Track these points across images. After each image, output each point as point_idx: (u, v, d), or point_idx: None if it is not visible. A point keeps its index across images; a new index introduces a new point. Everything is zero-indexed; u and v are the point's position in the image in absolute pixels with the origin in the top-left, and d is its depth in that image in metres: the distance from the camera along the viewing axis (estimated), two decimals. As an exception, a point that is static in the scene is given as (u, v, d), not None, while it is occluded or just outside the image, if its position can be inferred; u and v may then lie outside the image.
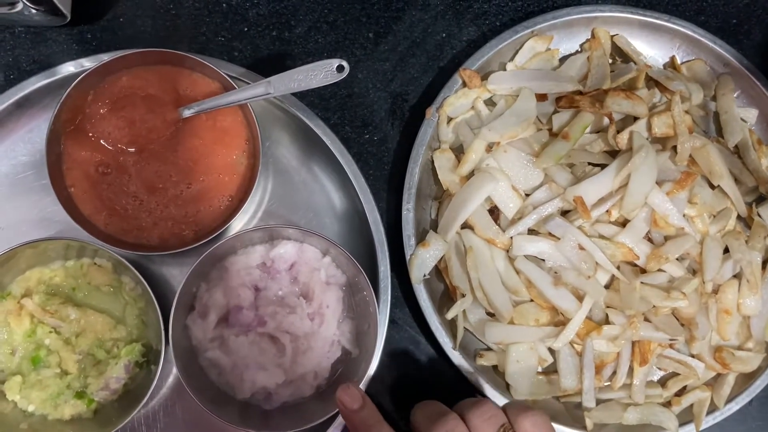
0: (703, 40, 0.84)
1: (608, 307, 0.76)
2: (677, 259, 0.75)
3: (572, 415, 0.78)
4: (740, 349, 0.79)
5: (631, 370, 0.76)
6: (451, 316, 0.76)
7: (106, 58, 0.72)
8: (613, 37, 0.84)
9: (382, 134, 0.83)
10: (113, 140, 0.73)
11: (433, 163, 0.79)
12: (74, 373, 0.72)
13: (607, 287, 0.75)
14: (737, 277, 0.78)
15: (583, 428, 0.76)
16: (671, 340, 0.75)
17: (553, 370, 0.78)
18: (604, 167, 0.76)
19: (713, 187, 0.79)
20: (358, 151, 0.82)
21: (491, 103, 0.82)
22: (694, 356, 0.78)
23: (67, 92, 0.70)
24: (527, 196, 0.77)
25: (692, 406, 0.79)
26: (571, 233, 0.74)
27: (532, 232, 0.77)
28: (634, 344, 0.76)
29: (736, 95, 0.85)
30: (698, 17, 0.89)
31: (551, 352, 0.77)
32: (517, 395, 0.76)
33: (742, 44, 0.88)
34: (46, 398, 0.71)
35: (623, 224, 0.76)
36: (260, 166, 0.73)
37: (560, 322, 0.76)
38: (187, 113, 0.74)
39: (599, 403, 0.77)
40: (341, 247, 0.72)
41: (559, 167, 0.76)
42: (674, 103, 0.76)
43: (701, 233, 0.77)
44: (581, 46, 0.85)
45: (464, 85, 0.80)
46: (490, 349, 0.79)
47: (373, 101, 0.84)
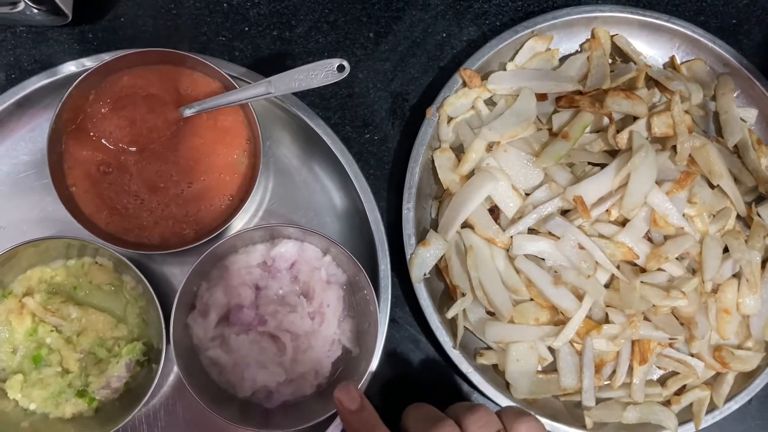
0: (702, 40, 0.84)
1: (608, 306, 0.76)
2: (677, 258, 0.75)
3: (572, 413, 0.78)
4: (739, 348, 0.79)
5: (630, 369, 0.77)
6: (451, 315, 0.76)
7: (107, 57, 0.72)
8: (613, 37, 0.84)
9: (382, 134, 0.83)
10: (114, 139, 0.73)
11: (433, 162, 0.80)
12: (75, 371, 0.72)
13: (606, 286, 0.76)
14: (737, 276, 0.78)
15: (582, 427, 0.77)
16: (671, 339, 0.75)
17: (552, 369, 0.78)
18: (603, 167, 0.76)
19: (713, 186, 0.79)
20: (358, 150, 0.82)
21: (491, 102, 0.82)
22: (693, 355, 0.79)
23: (68, 92, 0.70)
24: (527, 195, 0.77)
25: (692, 405, 0.79)
26: (571, 233, 0.74)
27: (532, 231, 0.77)
28: (633, 343, 0.76)
29: (735, 95, 0.85)
30: (698, 17, 0.89)
31: (551, 351, 0.77)
32: (517, 394, 0.76)
33: (741, 44, 0.88)
34: (47, 397, 0.72)
35: (623, 224, 0.76)
36: (261, 165, 0.73)
37: (560, 321, 0.76)
38: (188, 113, 0.74)
39: (599, 402, 0.77)
40: (342, 246, 0.72)
41: (559, 167, 0.77)
42: (674, 103, 0.77)
43: (701, 233, 0.77)
44: (581, 46, 0.85)
45: (464, 84, 0.80)
46: (490, 348, 0.79)
47: (373, 101, 0.84)
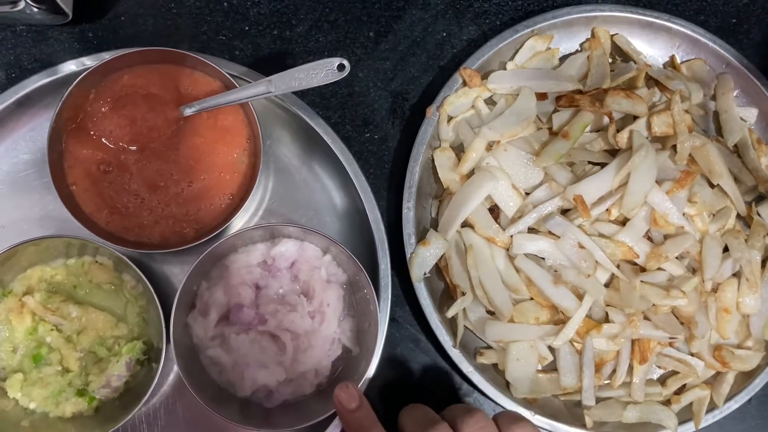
0: (702, 39, 0.84)
1: (608, 305, 0.76)
2: (677, 257, 0.75)
3: (572, 413, 0.78)
4: (739, 347, 0.79)
5: (630, 368, 0.77)
6: (451, 314, 0.76)
7: (107, 56, 0.72)
8: (613, 36, 0.84)
9: (382, 133, 0.83)
10: (114, 138, 0.73)
11: (433, 161, 0.80)
12: (75, 370, 0.72)
13: (606, 286, 0.76)
14: (737, 275, 0.78)
15: (582, 426, 0.77)
16: (671, 338, 0.75)
17: (552, 368, 0.78)
18: (603, 166, 0.76)
19: (713, 186, 0.79)
20: (358, 149, 0.82)
21: (491, 102, 0.82)
22: (693, 355, 0.79)
23: (68, 91, 0.70)
24: (527, 194, 0.77)
25: (692, 404, 0.79)
26: (571, 232, 0.74)
27: (532, 230, 0.77)
28: (633, 343, 0.76)
29: (735, 94, 0.85)
30: (698, 17, 0.89)
31: (551, 350, 0.77)
32: (517, 393, 0.76)
33: (741, 44, 0.88)
34: (47, 396, 0.71)
35: (623, 223, 0.76)
36: (261, 164, 0.73)
37: (560, 320, 0.76)
38: (188, 112, 0.74)
39: (599, 401, 0.77)
40: (342, 245, 0.72)
41: (559, 166, 0.77)
42: (674, 102, 0.77)
43: (701, 232, 0.77)
44: (581, 45, 0.85)
45: (464, 84, 0.80)
46: (490, 347, 0.79)
47: (373, 100, 0.84)
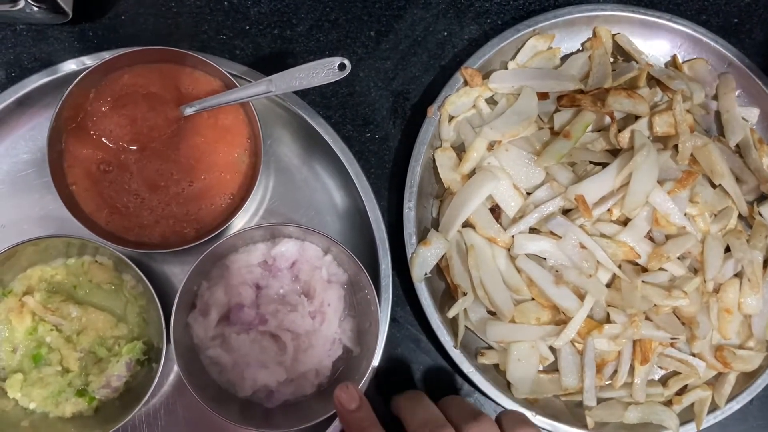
0: (704, 39, 0.84)
1: (609, 305, 0.76)
2: (678, 258, 0.75)
3: (573, 413, 0.78)
4: (741, 348, 0.79)
5: (632, 368, 0.76)
6: (452, 314, 0.76)
7: (107, 55, 0.72)
8: (614, 35, 0.84)
9: (383, 133, 0.83)
10: (115, 138, 0.73)
11: (434, 161, 0.79)
12: (75, 370, 0.72)
13: (608, 286, 0.75)
14: (738, 276, 0.78)
15: (584, 427, 0.76)
16: (672, 338, 0.75)
17: (554, 368, 0.78)
18: (605, 166, 0.76)
19: (714, 186, 0.79)
20: (359, 149, 0.82)
21: (493, 101, 0.82)
22: (695, 355, 0.79)
23: (68, 90, 0.70)
24: (528, 194, 0.77)
25: (693, 405, 0.79)
26: (572, 232, 0.74)
27: (533, 230, 0.77)
28: (635, 343, 0.76)
29: (737, 94, 0.85)
30: (700, 16, 0.89)
31: (552, 350, 0.77)
32: (518, 394, 0.76)
33: (743, 43, 0.88)
34: (47, 396, 0.71)
35: (624, 223, 0.76)
36: (262, 164, 0.72)
37: (561, 320, 0.76)
38: (188, 111, 0.74)
39: (600, 401, 0.77)
40: (342, 245, 0.72)
41: (560, 166, 0.76)
42: (676, 102, 0.76)
43: (702, 232, 0.77)
44: (583, 44, 0.85)
45: (466, 83, 0.80)
46: (491, 347, 0.79)
47: (374, 100, 0.84)
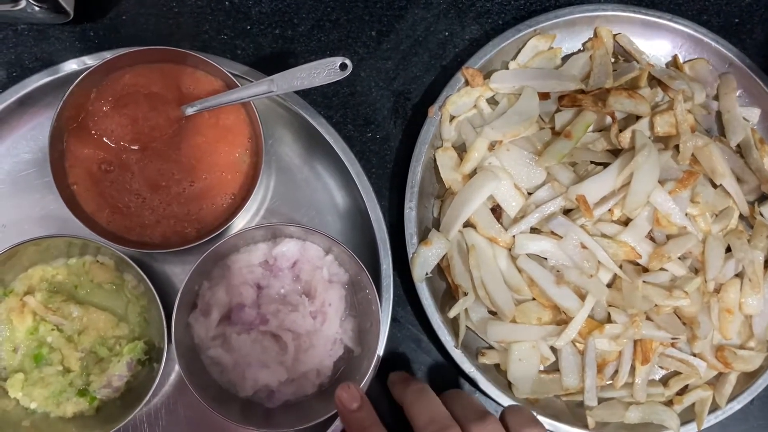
0: (705, 39, 0.84)
1: (610, 305, 0.76)
2: (679, 258, 0.75)
3: (574, 413, 0.78)
4: (742, 348, 0.79)
5: (632, 368, 0.77)
6: (453, 314, 0.76)
7: (108, 55, 0.72)
8: (615, 36, 0.84)
9: (384, 132, 0.83)
10: (116, 138, 0.73)
11: (435, 161, 0.79)
12: (76, 370, 0.72)
13: (609, 286, 0.75)
14: (739, 276, 0.78)
15: (584, 427, 0.76)
16: (673, 339, 0.75)
17: (555, 368, 0.78)
18: (606, 166, 0.75)
19: (715, 186, 0.79)
20: (360, 149, 0.82)
21: (494, 101, 0.82)
22: (695, 355, 0.79)
23: (69, 90, 0.70)
24: (529, 194, 0.77)
25: (694, 405, 0.79)
26: (573, 232, 0.74)
27: (534, 230, 0.77)
28: (636, 343, 0.76)
29: (738, 94, 0.85)
30: (701, 16, 0.89)
31: (553, 350, 0.77)
32: (519, 394, 0.76)
33: (744, 43, 0.88)
34: (48, 396, 0.71)
35: (625, 223, 0.76)
36: (263, 164, 0.72)
37: (562, 320, 0.76)
38: (189, 111, 0.74)
39: (601, 401, 0.77)
40: (343, 245, 0.72)
41: (561, 166, 0.76)
42: (677, 102, 0.76)
43: (703, 232, 0.77)
44: (584, 44, 0.85)
45: (467, 83, 0.80)
46: (492, 347, 0.79)
47: (375, 99, 0.84)
